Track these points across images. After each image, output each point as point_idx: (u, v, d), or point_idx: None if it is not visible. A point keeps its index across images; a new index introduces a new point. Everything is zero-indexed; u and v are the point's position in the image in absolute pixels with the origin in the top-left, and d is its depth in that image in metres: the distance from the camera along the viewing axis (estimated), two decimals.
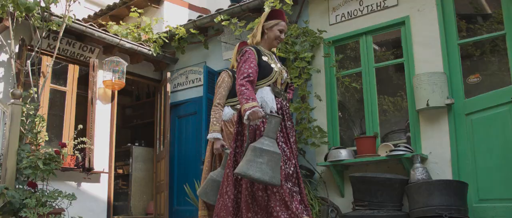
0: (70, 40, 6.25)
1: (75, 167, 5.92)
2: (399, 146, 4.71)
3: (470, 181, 4.40)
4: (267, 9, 3.44)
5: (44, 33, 5.46)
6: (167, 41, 6.97)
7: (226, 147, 3.77)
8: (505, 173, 4.23)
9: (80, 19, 8.05)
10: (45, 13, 5.47)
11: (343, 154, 4.93)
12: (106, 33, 6.38)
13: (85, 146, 5.79)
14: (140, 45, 6.80)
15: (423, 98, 4.60)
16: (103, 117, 6.56)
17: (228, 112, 4.01)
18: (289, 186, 3.01)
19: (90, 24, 6.28)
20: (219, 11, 6.39)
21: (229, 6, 6.33)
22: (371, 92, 5.19)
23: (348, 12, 5.52)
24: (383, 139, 5.30)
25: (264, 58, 3.29)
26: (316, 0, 5.80)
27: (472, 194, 4.38)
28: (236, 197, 3.06)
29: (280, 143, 3.06)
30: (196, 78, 6.88)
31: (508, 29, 4.47)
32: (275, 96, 3.23)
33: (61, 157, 5.20)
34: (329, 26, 5.62)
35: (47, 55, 5.86)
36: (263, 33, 3.41)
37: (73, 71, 6.40)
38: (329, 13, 5.68)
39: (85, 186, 6.13)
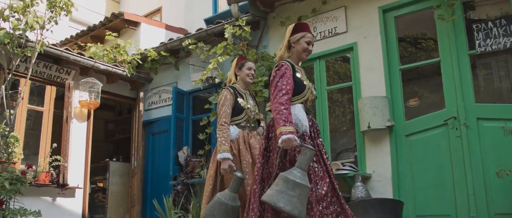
0: (47, 64, 6.50)
1: (50, 183, 6.14)
2: (345, 165, 4.94)
3: (408, 198, 4.64)
4: (290, 25, 3.34)
5: (19, 59, 5.69)
6: (140, 62, 7.22)
7: (234, 168, 3.64)
8: (439, 190, 4.48)
9: (64, 38, 8.39)
10: (22, 40, 5.71)
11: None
12: (81, 56, 6.63)
13: (59, 163, 6.04)
14: (115, 67, 7.05)
15: (366, 121, 4.84)
16: (79, 134, 6.79)
17: (233, 131, 3.83)
18: (320, 208, 2.91)
19: (66, 48, 6.54)
20: (187, 35, 6.64)
21: (197, 30, 6.59)
22: (323, 113, 5.43)
23: None
24: (336, 157, 5.53)
25: (298, 74, 3.20)
26: (275, 26, 6.05)
27: (410, 210, 4.61)
28: (262, 214, 2.99)
29: (312, 163, 2.97)
30: (168, 98, 7.12)
31: (443, 57, 4.72)
32: (306, 114, 3.17)
33: (35, 174, 5.47)
34: None
35: (24, 78, 6.10)
36: (290, 47, 3.33)
37: (50, 92, 6.65)
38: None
39: (60, 201, 6.35)
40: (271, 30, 6.13)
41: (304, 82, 3.21)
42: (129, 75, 7.16)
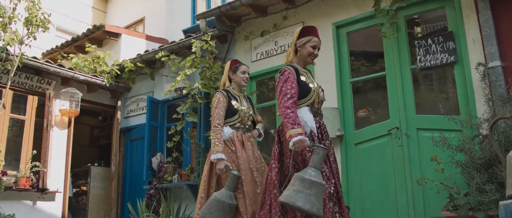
0: (29, 75, 6.80)
1: (30, 188, 6.44)
2: None
3: (357, 204, 4.93)
4: (298, 28, 3.35)
5: (1, 71, 5.99)
6: (119, 72, 7.52)
7: (231, 167, 3.68)
8: (383, 196, 4.77)
9: (50, 48, 8.69)
10: (2, 54, 6.02)
11: None
12: (61, 68, 6.92)
13: (38, 169, 6.35)
14: (94, 77, 7.35)
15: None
16: (60, 141, 7.09)
17: (227, 131, 3.89)
18: (330, 205, 2.96)
19: (47, 61, 6.83)
20: (160, 48, 6.94)
21: (170, 43, 6.88)
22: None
23: (266, 51, 6.07)
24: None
25: (302, 77, 3.21)
26: (241, 40, 6.34)
27: (358, 215, 4.90)
28: (284, 217, 2.99)
29: (301, 164, 3.01)
30: (145, 106, 7.41)
31: (388, 71, 5.01)
32: (313, 116, 3.17)
33: (16, 179, 5.79)
34: (251, 63, 6.15)
35: (4, 88, 6.41)
36: (296, 51, 3.34)
37: (32, 101, 6.95)
38: (251, 52, 6.22)
39: (40, 204, 6.65)
40: (237, 43, 6.42)
41: (309, 85, 3.21)
42: (108, 85, 7.45)
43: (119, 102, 7.56)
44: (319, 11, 5.62)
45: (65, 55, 8.16)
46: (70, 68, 7.16)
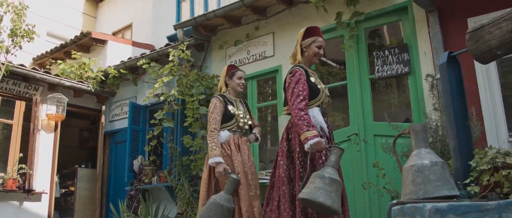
0: (16, 81, 7.09)
1: (17, 189, 6.73)
2: (264, 175, 5.51)
3: None
4: (302, 30, 3.38)
5: None
6: (103, 78, 7.81)
7: (229, 170, 3.72)
8: None
9: (40, 53, 8.97)
10: None
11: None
12: (47, 74, 7.21)
13: (25, 171, 6.65)
14: (79, 83, 7.64)
15: None
16: (47, 144, 7.38)
17: (224, 135, 3.91)
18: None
19: (33, 68, 7.13)
20: (142, 55, 7.23)
21: (151, 51, 7.17)
22: None
23: (239, 60, 6.35)
24: (264, 167, 6.11)
25: (312, 78, 3.24)
26: (217, 49, 6.62)
27: None
28: (294, 213, 3.04)
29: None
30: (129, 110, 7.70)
31: (349, 80, 5.29)
32: (322, 116, 3.21)
33: (3, 181, 6.09)
34: None
35: None
36: (302, 52, 3.35)
37: (19, 106, 7.24)
38: (226, 60, 6.50)
39: (27, 204, 6.95)
40: (213, 52, 6.70)
41: (318, 86, 3.25)
42: (93, 90, 7.74)
43: (104, 107, 7.85)
44: (288, 22, 5.89)
45: (53, 61, 8.43)
46: (57, 75, 7.45)
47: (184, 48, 6.25)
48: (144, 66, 6.90)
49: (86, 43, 8.68)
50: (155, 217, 6.34)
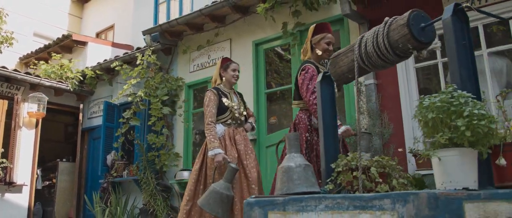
0: None
1: None
2: None
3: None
4: (311, 26, 3.44)
5: None
6: (82, 79, 8.34)
7: (229, 159, 3.75)
8: None
9: (26, 53, 9.49)
10: None
11: (185, 174, 6.27)
12: (28, 75, 7.75)
13: (6, 165, 7.20)
14: (59, 83, 8.17)
15: None
16: (28, 140, 7.93)
17: (219, 129, 3.93)
18: None
19: (15, 69, 7.66)
20: (115, 58, 7.75)
21: (124, 54, 7.68)
22: None
23: (201, 63, 6.86)
24: None
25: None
26: (182, 53, 7.14)
27: None
28: None
29: (315, 158, 3.19)
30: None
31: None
32: None
33: None
34: (189, 74, 6.96)
35: None
36: (312, 48, 3.39)
37: (2, 105, 7.77)
38: (190, 63, 7.02)
39: (8, 196, 7.50)
40: (179, 56, 7.22)
41: None
42: (72, 90, 8.27)
43: (82, 105, 8.39)
44: (243, 30, 6.40)
45: (35, 62, 8.96)
46: (37, 75, 7.97)
47: (150, 53, 6.75)
48: (116, 68, 7.41)
49: (68, 44, 9.20)
50: (124, 207, 6.89)
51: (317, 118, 2.97)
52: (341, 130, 3.06)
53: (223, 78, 4.19)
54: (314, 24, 3.47)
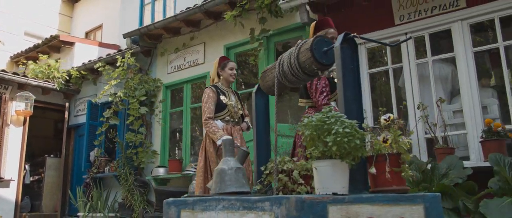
0: None
1: None
2: (192, 167, 6.39)
3: None
4: (312, 23, 3.40)
5: None
6: (68, 78, 8.68)
7: (238, 144, 3.77)
8: None
9: (16, 52, 9.82)
10: None
11: (160, 171, 6.63)
12: (15, 75, 8.09)
13: None
14: (46, 82, 8.52)
15: None
16: (16, 137, 8.28)
17: (218, 125, 3.96)
18: None
19: (2, 70, 8.00)
20: (99, 59, 8.08)
21: (107, 55, 8.01)
22: (186, 126, 6.88)
23: (177, 65, 7.19)
24: (195, 160, 6.98)
25: (330, 74, 3.33)
26: (160, 55, 7.46)
27: None
28: None
29: None
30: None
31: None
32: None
33: None
34: (167, 75, 7.29)
35: None
36: None
37: None
38: (167, 65, 7.35)
39: None
40: (158, 57, 7.55)
41: (335, 80, 3.30)
42: (58, 89, 8.62)
43: (67, 104, 8.73)
44: (216, 34, 6.72)
45: (24, 61, 9.30)
46: (25, 75, 8.32)
47: (129, 56, 7.08)
48: (99, 69, 7.74)
49: (56, 44, 9.52)
50: (105, 201, 7.26)
51: None
52: None
53: (221, 77, 4.21)
54: (314, 21, 3.40)
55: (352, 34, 2.40)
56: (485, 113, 4.61)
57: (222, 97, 4.05)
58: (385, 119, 2.21)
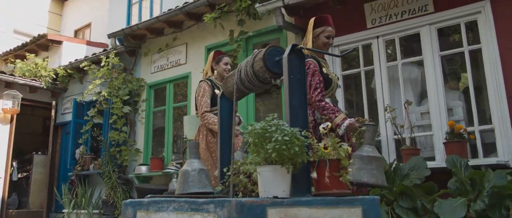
0: None
1: None
2: (174, 165, 6.52)
3: None
4: (311, 19, 3.33)
5: None
6: (55, 77, 8.78)
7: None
8: None
9: (5, 50, 9.90)
10: None
11: (143, 169, 6.75)
12: (2, 74, 8.18)
13: None
14: (33, 81, 8.62)
15: (186, 133, 6.40)
16: (3, 135, 8.38)
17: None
18: None
19: None
20: (85, 58, 8.18)
21: (92, 54, 8.11)
22: (168, 124, 7.01)
23: (160, 65, 7.30)
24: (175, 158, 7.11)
25: (324, 69, 3.24)
26: (144, 54, 7.57)
27: None
28: None
29: None
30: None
31: None
32: (333, 105, 3.21)
33: None
34: (151, 74, 7.40)
35: None
36: (312, 42, 3.30)
37: None
38: (151, 65, 7.46)
39: None
40: (142, 57, 7.66)
41: (329, 76, 3.24)
42: (45, 88, 8.72)
43: (54, 102, 8.84)
44: (197, 35, 6.83)
45: (12, 60, 9.39)
46: (12, 74, 8.41)
47: (113, 56, 7.19)
48: (85, 68, 7.84)
49: (44, 43, 9.61)
50: (90, 198, 7.38)
51: (321, 113, 3.09)
52: (344, 124, 2.99)
53: (215, 71, 4.20)
54: (314, 17, 3.35)
55: (299, 46, 2.53)
56: (450, 115, 4.75)
57: (216, 91, 4.03)
58: (323, 127, 2.33)
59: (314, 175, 2.34)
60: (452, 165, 3.74)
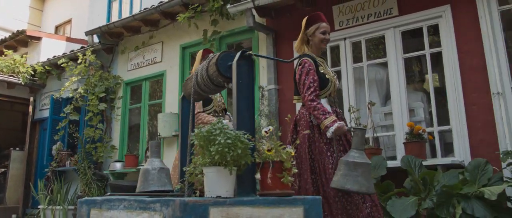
0: None
1: None
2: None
3: None
4: (304, 18, 3.29)
5: None
6: (33, 73, 8.77)
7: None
8: None
9: None
10: None
11: (117, 165, 6.81)
12: None
13: None
14: (10, 77, 8.61)
15: (159, 130, 6.48)
16: None
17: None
18: None
19: None
20: (63, 55, 8.19)
21: (70, 51, 8.12)
22: (144, 122, 7.07)
23: (137, 63, 7.35)
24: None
25: (321, 69, 3.17)
26: (121, 52, 7.62)
27: None
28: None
29: (340, 153, 3.01)
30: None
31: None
32: (330, 106, 3.14)
33: None
34: (127, 72, 7.45)
35: None
36: (308, 41, 3.25)
37: None
38: (128, 62, 7.51)
39: None
40: (119, 55, 7.70)
41: (326, 76, 3.17)
42: (23, 84, 8.71)
43: (32, 98, 8.84)
44: (173, 34, 6.90)
45: None
46: None
47: (90, 53, 7.22)
48: (63, 65, 7.86)
49: (23, 39, 9.58)
50: (66, 195, 7.42)
51: (312, 113, 3.03)
52: (332, 128, 2.93)
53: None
54: (306, 17, 3.32)
55: (248, 52, 2.62)
56: (412, 115, 4.89)
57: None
58: (265, 131, 2.44)
59: (257, 175, 2.44)
60: (407, 165, 3.88)
